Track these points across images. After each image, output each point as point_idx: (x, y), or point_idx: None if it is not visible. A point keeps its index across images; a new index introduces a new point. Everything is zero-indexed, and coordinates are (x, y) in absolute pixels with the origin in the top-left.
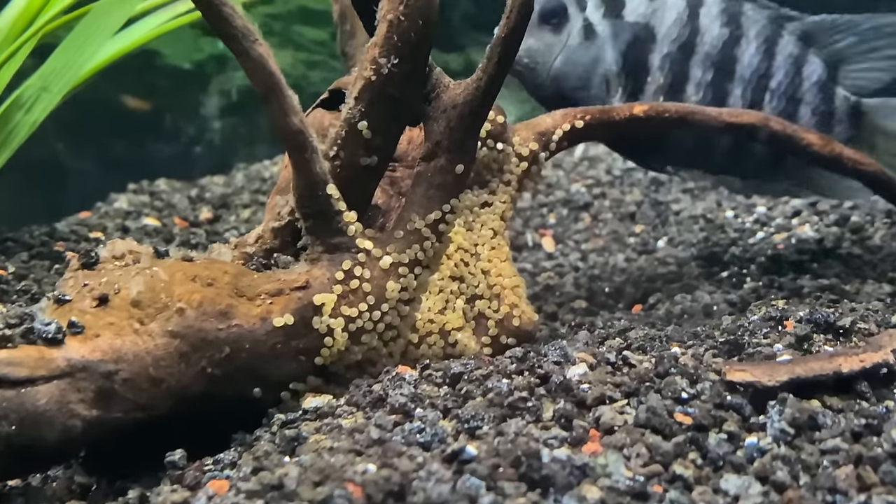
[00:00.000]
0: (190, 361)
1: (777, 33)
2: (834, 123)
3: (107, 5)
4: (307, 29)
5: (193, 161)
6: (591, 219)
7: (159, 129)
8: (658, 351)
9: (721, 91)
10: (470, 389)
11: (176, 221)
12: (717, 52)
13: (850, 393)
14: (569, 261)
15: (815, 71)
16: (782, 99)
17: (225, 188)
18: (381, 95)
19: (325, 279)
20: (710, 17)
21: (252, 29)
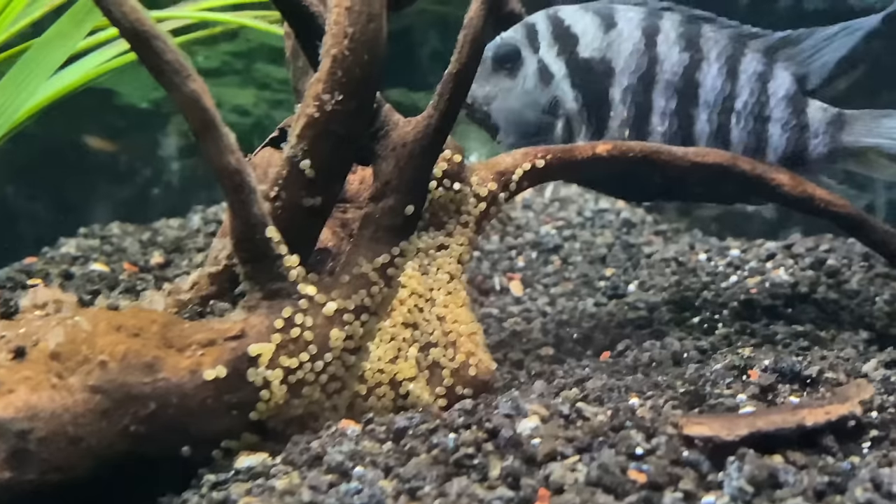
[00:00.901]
0: (112, 418)
1: (740, 52)
2: (809, 137)
3: (47, 42)
4: (270, 67)
5: (150, 203)
6: (560, 262)
7: (115, 170)
8: (615, 402)
9: (686, 118)
10: (414, 445)
11: (125, 266)
12: (679, 78)
13: (816, 447)
14: (537, 305)
15: (781, 85)
16: (749, 119)
17: (179, 231)
18: (324, 133)
19: (263, 328)
20: (667, 44)
21: (185, 64)
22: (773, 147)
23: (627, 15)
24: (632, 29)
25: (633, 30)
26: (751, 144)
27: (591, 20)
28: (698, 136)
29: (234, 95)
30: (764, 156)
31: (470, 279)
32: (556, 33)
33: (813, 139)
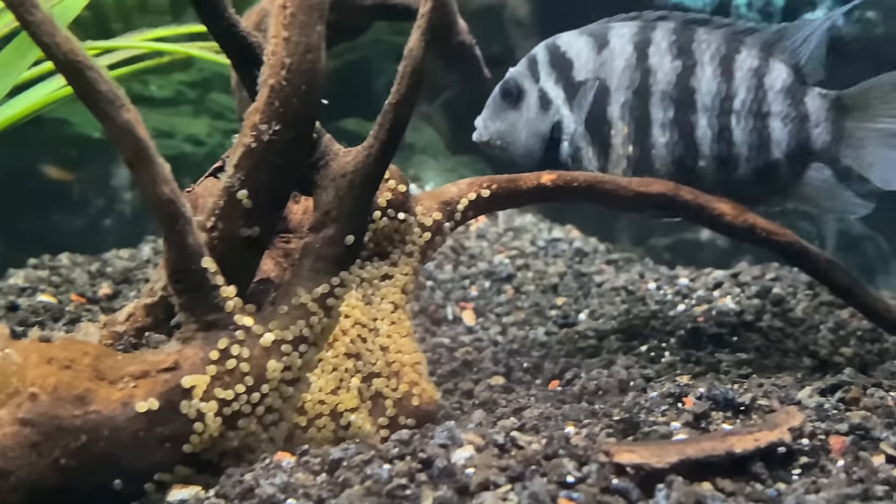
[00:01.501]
0: (42, 452)
1: (734, 50)
2: (810, 127)
3: None
4: (224, 96)
5: (102, 234)
6: (513, 291)
7: (67, 200)
8: (551, 431)
9: (686, 125)
10: (349, 477)
11: (72, 298)
12: (673, 86)
13: (745, 474)
14: (489, 335)
15: (778, 77)
16: (749, 118)
17: (129, 262)
18: (261, 163)
19: (198, 359)
20: (659, 54)
21: (119, 94)
22: (776, 142)
23: (620, 32)
24: (623, 45)
25: (625, 45)
26: (754, 143)
27: (584, 43)
28: (700, 141)
29: (188, 125)
30: (770, 154)
31: (422, 308)
32: (553, 61)
33: (815, 129)
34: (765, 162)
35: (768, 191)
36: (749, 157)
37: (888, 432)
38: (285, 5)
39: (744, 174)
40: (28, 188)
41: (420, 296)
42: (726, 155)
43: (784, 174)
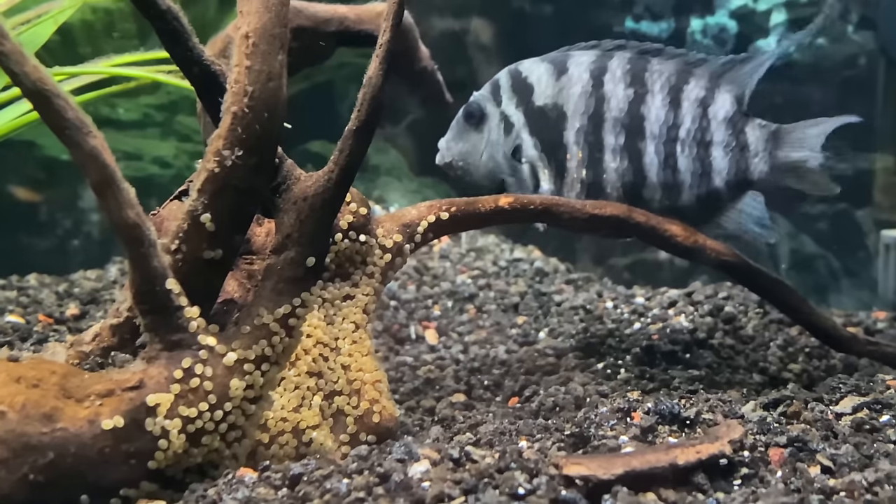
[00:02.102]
0: (11, 468)
1: (683, 80)
2: (749, 156)
3: None
4: (191, 119)
5: (69, 255)
6: (475, 310)
7: (35, 221)
8: (504, 445)
9: (635, 151)
10: (309, 491)
11: (40, 318)
12: (625, 113)
13: (688, 485)
14: (450, 353)
15: (721, 108)
16: (693, 146)
17: (97, 283)
18: (224, 188)
19: (162, 378)
20: (613, 82)
21: (85, 121)
22: (717, 171)
23: (579, 60)
24: (581, 72)
25: (583, 73)
26: (697, 170)
27: (544, 69)
28: (648, 167)
29: (156, 147)
30: (711, 181)
31: (386, 328)
32: (515, 86)
33: (753, 158)
34: (706, 190)
35: (708, 217)
36: (692, 185)
37: (825, 444)
38: (247, 35)
39: (687, 200)
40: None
41: (384, 315)
42: (671, 182)
43: (723, 201)
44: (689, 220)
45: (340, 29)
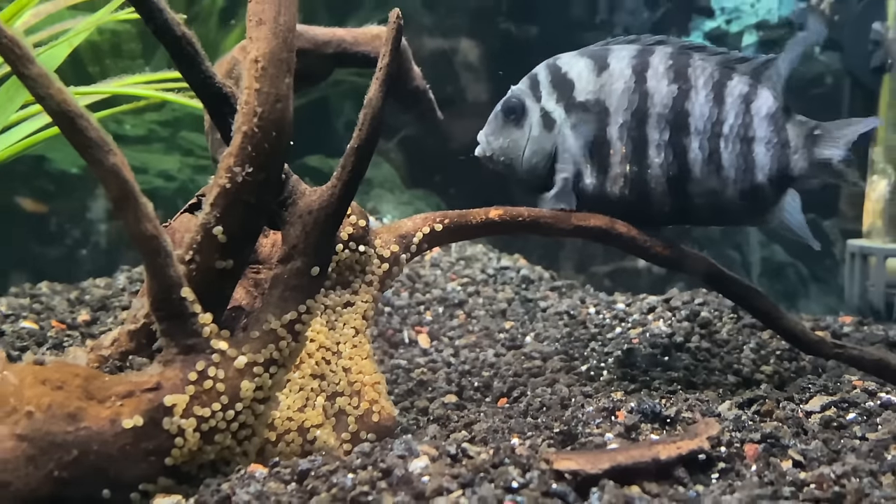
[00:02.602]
0: (38, 464)
1: (726, 77)
2: (790, 153)
3: None
4: (194, 135)
5: (78, 263)
6: (465, 316)
7: (45, 232)
8: (498, 442)
9: (680, 147)
10: (316, 485)
11: (53, 324)
12: (669, 109)
13: (670, 478)
14: (442, 357)
15: (763, 104)
16: (736, 142)
17: (106, 290)
18: (235, 202)
19: (178, 380)
20: (656, 78)
21: (106, 139)
22: (760, 166)
23: (620, 55)
24: (623, 68)
25: (625, 69)
26: (740, 166)
27: (584, 65)
28: (692, 163)
29: (160, 161)
30: (754, 176)
31: (381, 332)
32: (555, 81)
33: (793, 155)
34: (750, 185)
35: (752, 212)
36: (736, 179)
37: (796, 440)
38: (257, 59)
39: (731, 195)
40: (7, 220)
41: (379, 321)
42: (715, 177)
43: (766, 197)
44: (732, 216)
45: (338, 51)
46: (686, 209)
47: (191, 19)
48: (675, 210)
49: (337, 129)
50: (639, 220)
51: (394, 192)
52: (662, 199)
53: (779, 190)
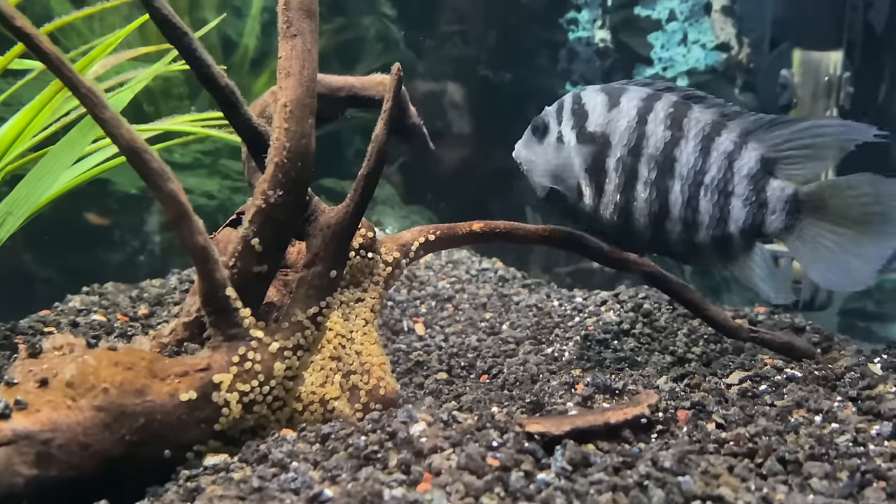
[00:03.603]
0: (112, 430)
1: (717, 132)
2: (766, 214)
3: (61, 147)
4: (231, 161)
5: (137, 267)
6: (453, 308)
7: (110, 242)
8: (481, 410)
9: (664, 187)
10: (336, 446)
11: (118, 317)
12: (660, 152)
13: (617, 438)
14: (435, 342)
15: (746, 164)
16: (715, 192)
17: (160, 289)
18: (269, 219)
19: (224, 362)
20: (655, 122)
21: (166, 169)
22: (734, 219)
23: (630, 95)
24: (630, 108)
25: (631, 109)
26: (715, 215)
27: (601, 100)
28: (672, 203)
29: (203, 184)
30: (727, 225)
31: (385, 322)
32: (575, 109)
33: (770, 215)
34: (721, 233)
35: (720, 258)
36: (709, 226)
37: (718, 407)
38: (286, 104)
39: (703, 238)
40: (78, 233)
41: (384, 313)
42: (690, 220)
43: (736, 247)
44: (702, 257)
45: (349, 94)
46: (664, 242)
47: (227, 67)
48: (655, 241)
49: (348, 157)
50: (624, 243)
51: (394, 208)
52: (644, 230)
53: (750, 243)
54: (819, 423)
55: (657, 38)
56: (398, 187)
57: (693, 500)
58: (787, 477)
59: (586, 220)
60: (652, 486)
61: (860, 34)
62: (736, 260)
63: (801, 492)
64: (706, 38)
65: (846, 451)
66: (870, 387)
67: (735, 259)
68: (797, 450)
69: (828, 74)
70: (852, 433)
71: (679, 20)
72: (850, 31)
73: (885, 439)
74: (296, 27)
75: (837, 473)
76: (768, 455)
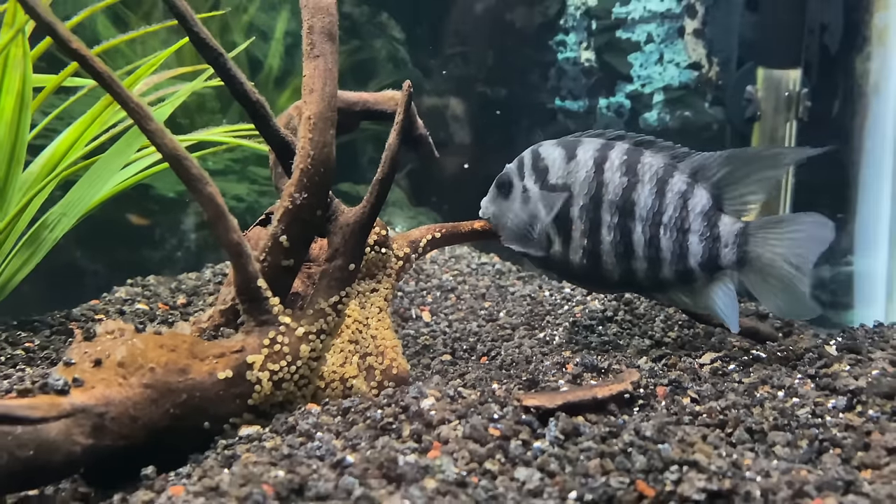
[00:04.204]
0: (158, 404)
1: (669, 174)
2: (720, 247)
3: (110, 155)
4: (258, 168)
5: (175, 262)
6: (455, 298)
7: (150, 240)
8: (482, 387)
9: (626, 229)
10: (355, 418)
11: (159, 306)
12: (619, 197)
13: (604, 411)
14: (440, 328)
15: (699, 202)
16: (674, 231)
17: (196, 281)
18: (295, 218)
19: (256, 345)
20: (612, 170)
21: (205, 174)
22: (693, 254)
23: (586, 147)
24: (587, 159)
25: (588, 160)
26: (675, 251)
27: (558, 153)
28: (636, 244)
29: (234, 188)
30: (687, 260)
31: (395, 310)
32: (534, 164)
33: (724, 248)
34: (683, 267)
35: (684, 291)
36: (671, 262)
37: (693, 384)
38: (310, 117)
39: (667, 274)
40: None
41: (394, 302)
42: (654, 258)
43: (698, 280)
44: (667, 291)
45: (364, 109)
46: (631, 280)
47: (254, 84)
48: (622, 280)
49: (361, 164)
50: (594, 284)
51: (403, 209)
52: (612, 270)
53: (710, 275)
54: (782, 398)
55: (636, 58)
56: (406, 191)
57: (671, 465)
58: (754, 445)
59: (557, 267)
60: (635, 453)
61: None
62: (700, 292)
63: (767, 458)
64: (680, 57)
65: (806, 423)
66: (826, 366)
67: (698, 291)
68: (762, 421)
69: (788, 90)
70: (811, 406)
71: (656, 42)
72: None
73: (840, 412)
74: (318, 49)
75: (798, 442)
76: (737, 426)
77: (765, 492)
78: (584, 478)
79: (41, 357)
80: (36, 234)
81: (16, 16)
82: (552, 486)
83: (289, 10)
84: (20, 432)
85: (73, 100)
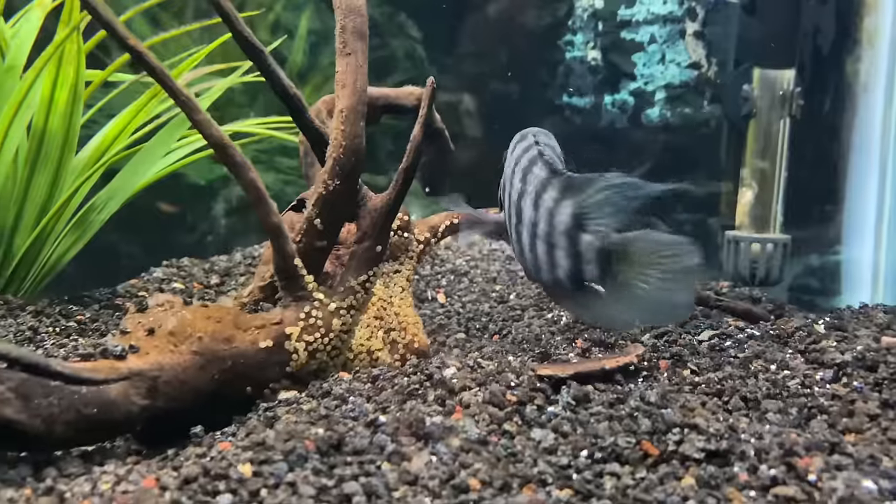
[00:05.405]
0: (206, 370)
1: (543, 189)
2: (583, 264)
3: (154, 144)
4: (284, 159)
5: (206, 246)
6: (469, 281)
7: (183, 224)
8: (499, 359)
9: (521, 234)
10: (384, 384)
11: (195, 285)
12: (514, 203)
13: (612, 381)
14: (454, 308)
15: (562, 221)
16: (545, 243)
17: (228, 263)
18: (328, 203)
19: (293, 318)
20: (515, 175)
21: (247, 161)
22: (561, 267)
23: (514, 146)
24: (511, 160)
25: (511, 161)
26: (549, 262)
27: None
28: (527, 248)
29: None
30: (556, 272)
31: (413, 292)
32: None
33: (586, 265)
34: (555, 277)
35: (563, 298)
36: (547, 271)
37: (692, 357)
38: (342, 110)
39: (546, 279)
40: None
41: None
42: (538, 263)
43: (566, 290)
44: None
45: (385, 104)
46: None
47: None
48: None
49: (380, 157)
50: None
51: (419, 198)
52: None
53: (579, 286)
54: (774, 371)
55: (640, 58)
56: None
57: (674, 427)
58: (749, 411)
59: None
60: (640, 416)
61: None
62: (573, 301)
63: (760, 423)
64: (681, 57)
65: (796, 392)
66: (815, 342)
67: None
68: (756, 391)
69: (782, 89)
70: (801, 378)
71: (658, 43)
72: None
73: (827, 383)
74: (350, 47)
75: (788, 409)
76: (733, 394)
77: (758, 451)
78: (594, 438)
79: (92, 329)
80: (84, 216)
81: (71, 14)
82: (565, 445)
83: (312, 10)
84: (86, 392)
85: (117, 93)
